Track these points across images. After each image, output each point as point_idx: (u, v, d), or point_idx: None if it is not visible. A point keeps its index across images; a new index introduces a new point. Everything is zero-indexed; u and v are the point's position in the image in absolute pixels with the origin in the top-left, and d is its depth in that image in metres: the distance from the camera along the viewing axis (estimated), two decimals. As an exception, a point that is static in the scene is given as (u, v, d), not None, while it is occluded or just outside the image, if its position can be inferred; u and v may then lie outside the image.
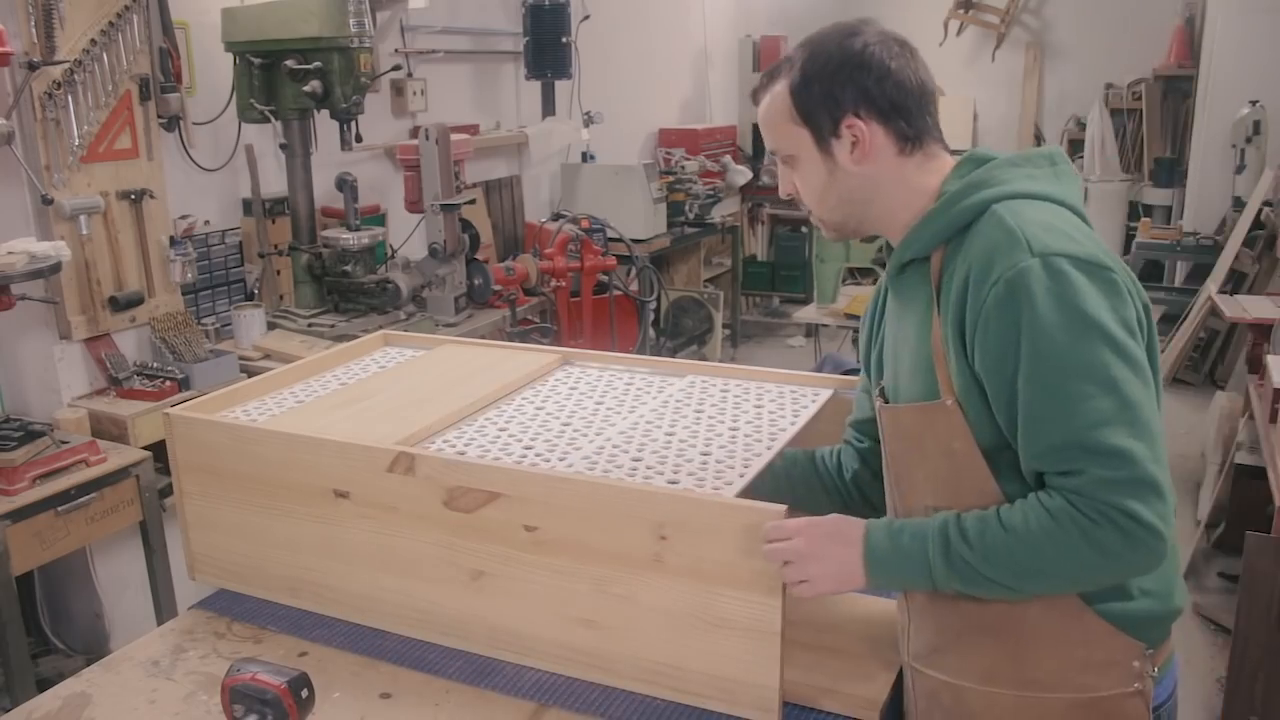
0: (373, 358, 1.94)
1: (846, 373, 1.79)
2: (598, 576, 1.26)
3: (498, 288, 3.53)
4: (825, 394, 1.61)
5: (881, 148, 1.21)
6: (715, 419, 1.53)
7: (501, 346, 1.98)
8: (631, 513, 1.21)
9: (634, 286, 4.69)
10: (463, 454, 1.41)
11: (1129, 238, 6.89)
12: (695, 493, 1.26)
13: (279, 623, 1.46)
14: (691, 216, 5.43)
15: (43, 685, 2.25)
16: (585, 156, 5.21)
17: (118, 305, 2.81)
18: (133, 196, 2.84)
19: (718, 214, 5.70)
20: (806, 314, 4.37)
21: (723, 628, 1.20)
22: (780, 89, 1.24)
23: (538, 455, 1.40)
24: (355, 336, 2.44)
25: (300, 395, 1.72)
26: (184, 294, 3.06)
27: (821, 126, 1.21)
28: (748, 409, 1.58)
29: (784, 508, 1.17)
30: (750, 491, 1.28)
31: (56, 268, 2.47)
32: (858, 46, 1.20)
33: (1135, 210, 7.28)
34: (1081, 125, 7.79)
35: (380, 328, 2.52)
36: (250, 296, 3.33)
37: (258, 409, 1.65)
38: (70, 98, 2.64)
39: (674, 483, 1.30)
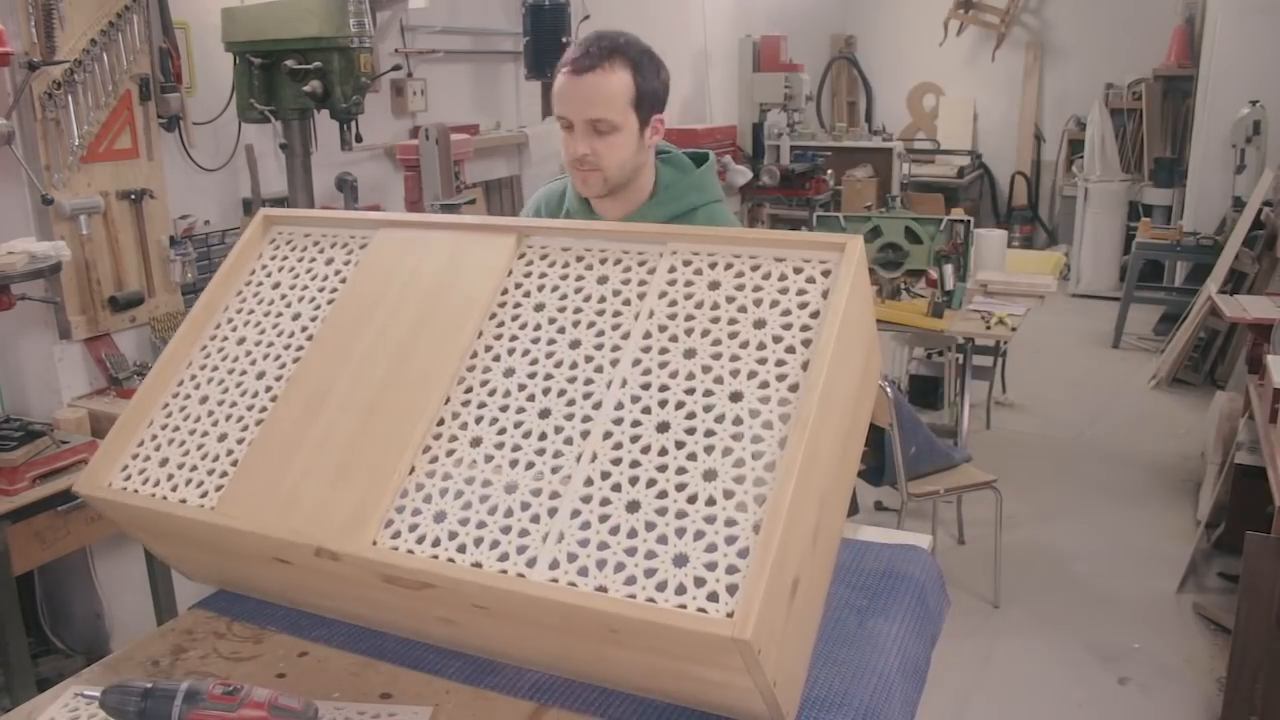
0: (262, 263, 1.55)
1: None
2: (560, 643, 1.19)
3: (498, 288, 3.52)
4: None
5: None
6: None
7: (446, 227, 1.46)
8: (577, 620, 1.10)
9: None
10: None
11: (1129, 238, 6.90)
12: (641, 606, 1.05)
13: (279, 622, 1.46)
14: (691, 216, 5.42)
15: (43, 685, 2.25)
16: (585, 156, 5.20)
17: (118, 305, 2.82)
18: (133, 196, 2.84)
19: (718, 214, 5.69)
20: (806, 314, 4.36)
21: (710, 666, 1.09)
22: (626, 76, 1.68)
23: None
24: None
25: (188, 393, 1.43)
26: (184, 294, 3.06)
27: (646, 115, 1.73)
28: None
29: None
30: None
31: (56, 268, 2.47)
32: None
33: (1135, 210, 7.29)
34: (1081, 125, 7.80)
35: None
36: (250, 296, 3.33)
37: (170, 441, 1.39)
38: (70, 98, 2.64)
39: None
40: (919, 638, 1.50)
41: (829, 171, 6.58)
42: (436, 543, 1.17)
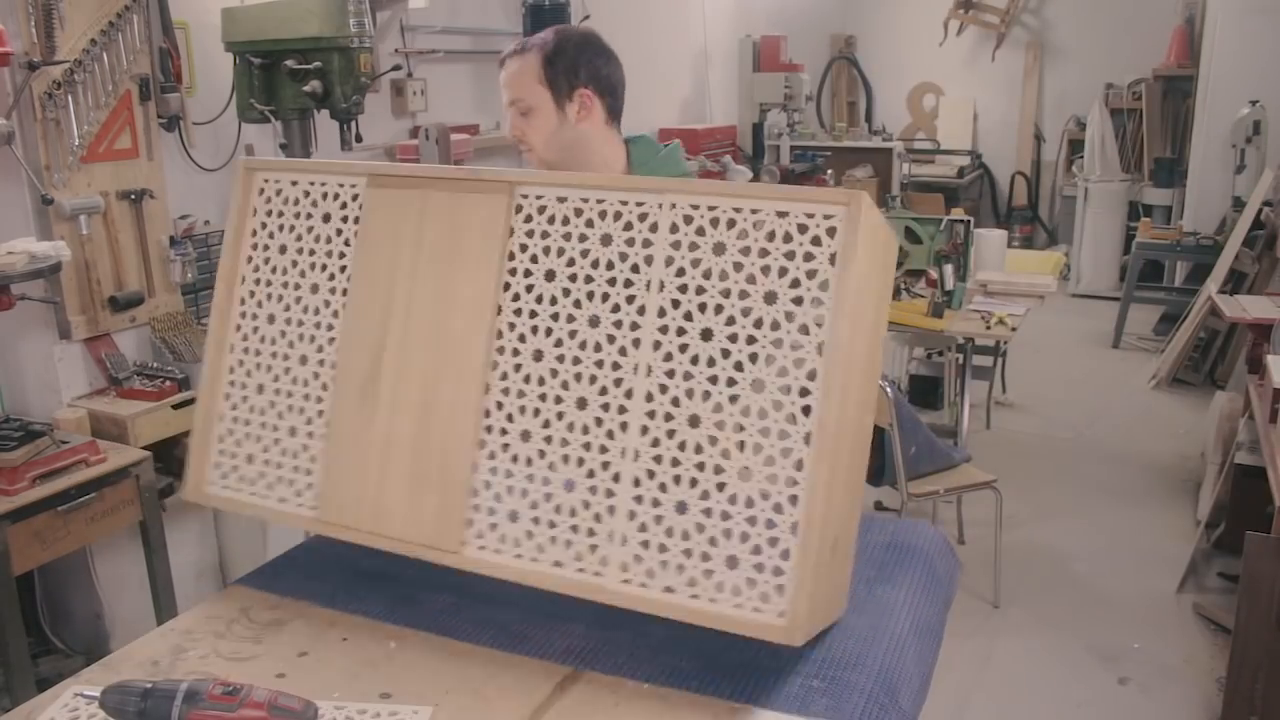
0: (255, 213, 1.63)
1: None
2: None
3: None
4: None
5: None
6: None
7: (435, 183, 1.44)
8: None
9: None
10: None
11: (1129, 238, 6.90)
12: (705, 609, 1.19)
13: (317, 598, 1.49)
14: (691, 216, 5.42)
15: (43, 685, 2.25)
16: (585, 156, 5.19)
17: (118, 305, 2.82)
18: (133, 196, 2.84)
19: (718, 214, 5.69)
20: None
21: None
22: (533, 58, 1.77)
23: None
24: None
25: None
26: (184, 294, 3.06)
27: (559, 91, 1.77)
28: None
29: None
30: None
31: (56, 268, 2.47)
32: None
33: (1135, 210, 7.28)
34: (1081, 125, 7.80)
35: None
36: (250, 296, 3.33)
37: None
38: (70, 98, 2.64)
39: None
40: (930, 600, 1.52)
41: (829, 171, 6.58)
42: (517, 543, 1.26)
